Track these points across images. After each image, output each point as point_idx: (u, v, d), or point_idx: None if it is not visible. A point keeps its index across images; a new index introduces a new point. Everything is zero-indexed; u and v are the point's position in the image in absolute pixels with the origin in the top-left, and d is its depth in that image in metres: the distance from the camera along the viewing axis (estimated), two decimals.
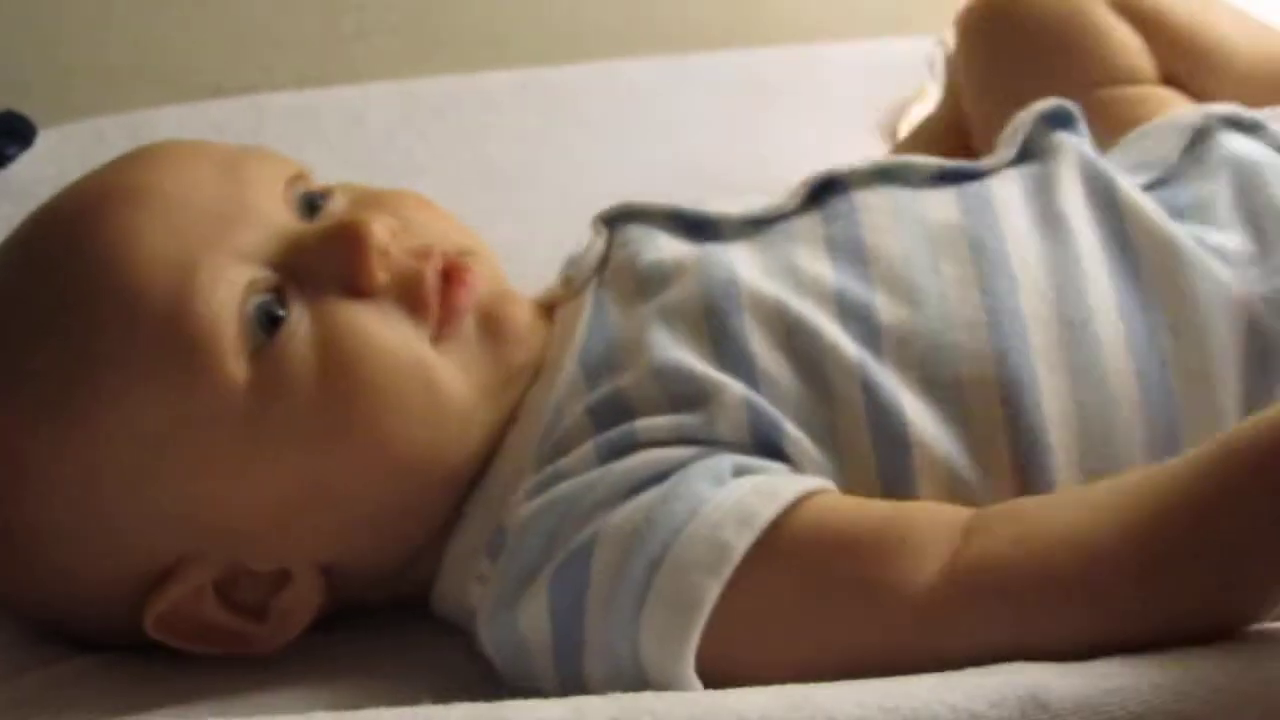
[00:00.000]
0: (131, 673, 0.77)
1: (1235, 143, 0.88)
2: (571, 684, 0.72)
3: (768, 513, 0.72)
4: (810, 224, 0.85)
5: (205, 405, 0.76)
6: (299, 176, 0.83)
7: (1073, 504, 0.72)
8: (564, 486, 0.77)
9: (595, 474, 0.76)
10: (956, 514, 0.73)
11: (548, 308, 0.87)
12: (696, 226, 0.86)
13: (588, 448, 0.78)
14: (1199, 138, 0.89)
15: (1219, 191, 0.86)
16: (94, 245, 0.78)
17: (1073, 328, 0.80)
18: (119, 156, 0.85)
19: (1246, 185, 0.86)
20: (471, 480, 0.81)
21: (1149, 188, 0.87)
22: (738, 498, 0.73)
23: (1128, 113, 0.99)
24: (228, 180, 0.80)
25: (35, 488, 0.78)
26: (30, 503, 0.78)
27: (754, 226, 0.86)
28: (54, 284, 0.78)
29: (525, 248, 1.02)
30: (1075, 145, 0.87)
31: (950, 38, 1.34)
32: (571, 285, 0.86)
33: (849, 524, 0.73)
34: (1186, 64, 1.04)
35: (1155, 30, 1.04)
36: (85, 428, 0.76)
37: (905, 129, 1.28)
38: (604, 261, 0.86)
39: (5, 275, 0.81)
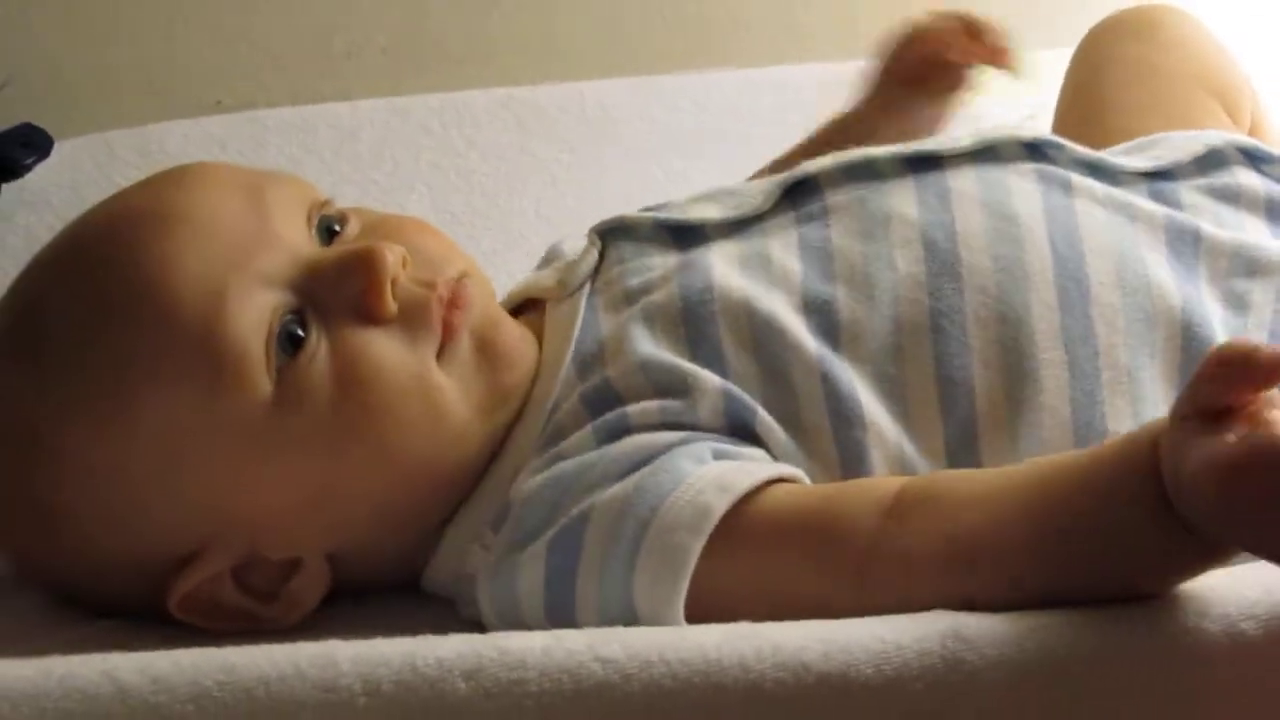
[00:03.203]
0: (162, 633, 0.79)
1: (1242, 174, 0.93)
2: None
3: (743, 485, 0.77)
4: (784, 222, 0.90)
5: (232, 414, 0.80)
6: (321, 203, 0.88)
7: (981, 483, 0.76)
8: (566, 464, 0.82)
9: (594, 455, 0.82)
10: (886, 489, 0.77)
11: (534, 302, 0.91)
12: (683, 231, 0.91)
13: (586, 431, 0.83)
14: (1214, 157, 0.94)
15: (1204, 206, 0.91)
16: (137, 266, 0.81)
17: (1007, 324, 0.84)
18: (153, 177, 0.89)
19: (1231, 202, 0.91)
20: (476, 476, 0.86)
21: (1151, 175, 0.92)
22: (718, 472, 0.78)
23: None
24: (253, 207, 0.84)
25: (69, 475, 0.82)
26: (69, 489, 0.82)
27: (733, 227, 0.90)
28: (100, 298, 0.82)
29: (504, 255, 1.08)
30: (1035, 166, 0.91)
31: None
32: (565, 288, 0.90)
33: (800, 506, 0.78)
34: None
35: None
36: (123, 426, 0.80)
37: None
38: (596, 271, 0.91)
39: (53, 283, 0.85)
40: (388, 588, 0.88)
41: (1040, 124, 1.29)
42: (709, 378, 0.83)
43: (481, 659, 0.66)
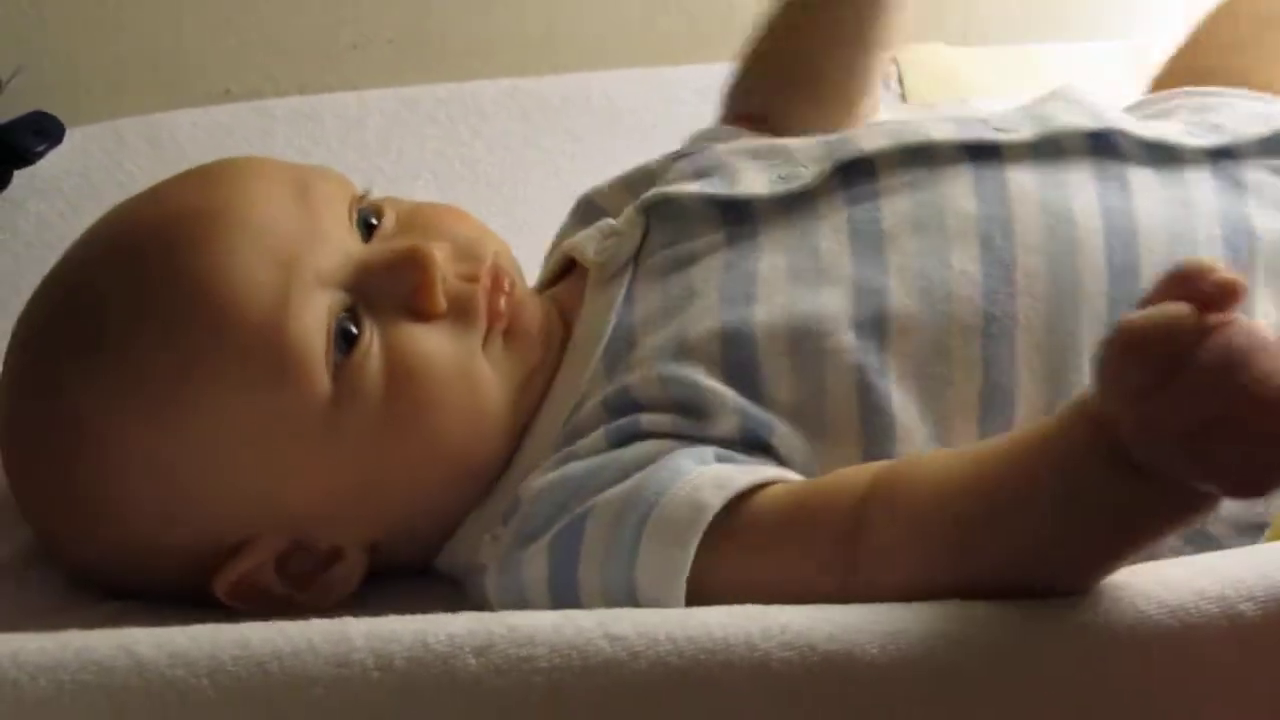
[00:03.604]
0: (177, 611, 0.79)
1: None
2: None
3: (740, 482, 0.78)
4: (835, 202, 0.89)
5: (291, 411, 0.82)
6: (359, 197, 0.89)
7: (943, 465, 0.74)
8: (575, 465, 0.83)
9: (603, 459, 0.83)
10: (860, 478, 0.76)
11: (566, 270, 0.93)
12: (729, 207, 0.90)
13: (599, 434, 0.84)
14: (1278, 140, 0.91)
15: (1268, 187, 0.89)
16: (197, 264, 0.82)
17: (1055, 334, 0.84)
18: (201, 171, 0.89)
19: None
20: (503, 466, 0.87)
21: (1215, 154, 0.90)
22: (717, 470, 0.79)
23: None
24: (302, 204, 0.85)
25: (116, 466, 0.83)
26: (122, 482, 0.83)
27: (783, 205, 0.89)
28: (161, 296, 0.82)
29: (510, 242, 1.10)
30: (1096, 161, 0.89)
31: (900, 58, 1.43)
32: (605, 269, 0.91)
33: (789, 502, 0.78)
34: None
35: None
36: (184, 423, 0.81)
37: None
38: (639, 250, 0.91)
39: (110, 278, 0.84)
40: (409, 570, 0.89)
41: None
42: (728, 398, 0.83)
43: (492, 636, 0.67)
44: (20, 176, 1.31)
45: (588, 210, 0.99)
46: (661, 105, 1.40)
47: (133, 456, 0.82)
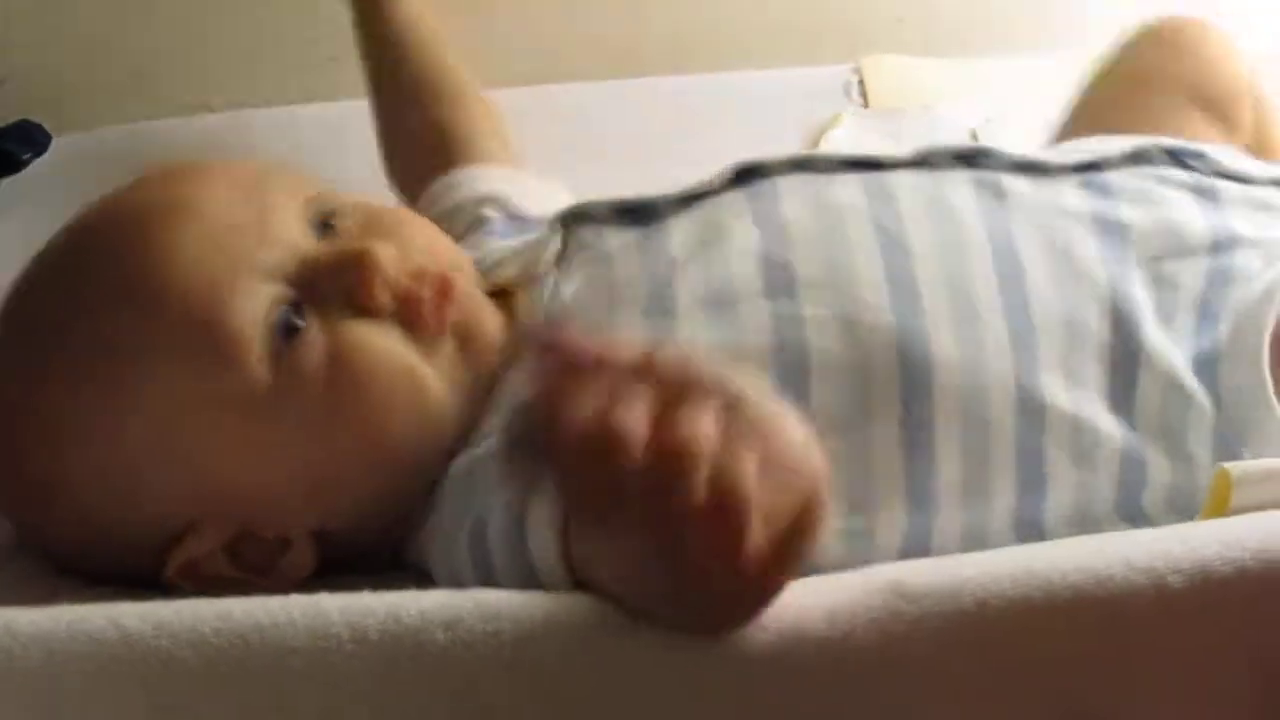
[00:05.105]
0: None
1: (1167, 170, 0.96)
2: None
3: None
4: (736, 199, 0.93)
5: (229, 395, 0.84)
6: (313, 197, 0.91)
7: None
8: (481, 455, 0.86)
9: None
10: None
11: (506, 293, 0.94)
12: (640, 211, 0.94)
13: None
14: (1140, 155, 0.97)
15: (1131, 186, 0.94)
16: (142, 252, 0.85)
17: (955, 290, 0.88)
18: (156, 171, 0.92)
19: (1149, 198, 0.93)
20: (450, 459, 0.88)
21: (1080, 168, 0.95)
22: None
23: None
24: (252, 201, 0.88)
25: (71, 449, 0.85)
26: (65, 461, 0.86)
27: (687, 203, 0.94)
28: (104, 282, 0.85)
29: None
30: (969, 173, 0.94)
31: (864, 66, 1.46)
32: (530, 273, 0.94)
33: None
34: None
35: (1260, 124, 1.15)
36: (123, 403, 0.84)
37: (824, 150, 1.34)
38: (560, 257, 0.94)
39: (59, 268, 0.88)
40: (372, 560, 0.91)
41: (996, 129, 1.35)
42: None
43: (461, 611, 0.70)
44: (7, 184, 1.34)
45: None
46: (635, 116, 1.41)
47: (77, 438, 0.85)
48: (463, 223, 1.07)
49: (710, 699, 0.69)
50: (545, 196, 1.07)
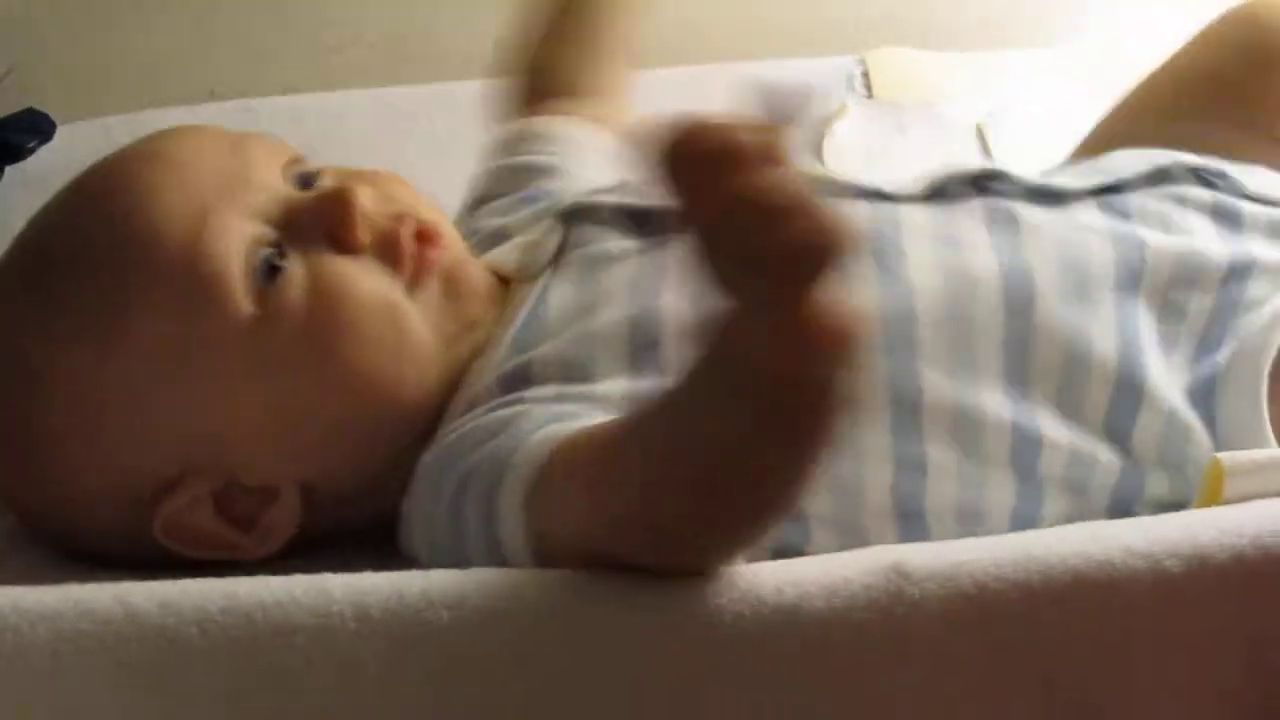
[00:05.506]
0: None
1: (1189, 190, 0.95)
2: None
3: (561, 434, 0.77)
4: None
5: (211, 334, 0.84)
6: (295, 160, 0.92)
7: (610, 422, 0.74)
8: (451, 438, 0.86)
9: (470, 426, 0.84)
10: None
11: (505, 281, 0.95)
12: (642, 217, 0.94)
13: (484, 409, 0.86)
14: (1161, 174, 0.96)
15: (1151, 208, 0.93)
16: (121, 197, 0.87)
17: (959, 323, 0.87)
18: (146, 135, 0.93)
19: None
20: (430, 418, 0.89)
21: (1099, 191, 0.94)
22: (549, 428, 0.78)
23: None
24: (234, 154, 0.89)
25: (59, 400, 0.86)
26: (54, 412, 0.86)
27: None
28: (85, 229, 0.87)
29: None
30: (982, 201, 0.93)
31: (869, 59, 1.47)
32: (526, 270, 0.94)
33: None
34: None
35: None
36: (108, 346, 0.84)
37: (828, 144, 1.35)
38: (558, 253, 0.94)
39: (46, 221, 0.90)
40: (360, 531, 0.91)
41: (1000, 122, 1.35)
42: (618, 385, 0.85)
43: (463, 590, 0.70)
44: (11, 171, 1.34)
45: (498, 235, 1.01)
46: (643, 107, 1.33)
47: (65, 385, 0.86)
48: (514, 181, 1.07)
49: (709, 676, 0.70)
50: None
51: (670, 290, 0.88)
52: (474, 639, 0.70)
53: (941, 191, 0.95)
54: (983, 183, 0.95)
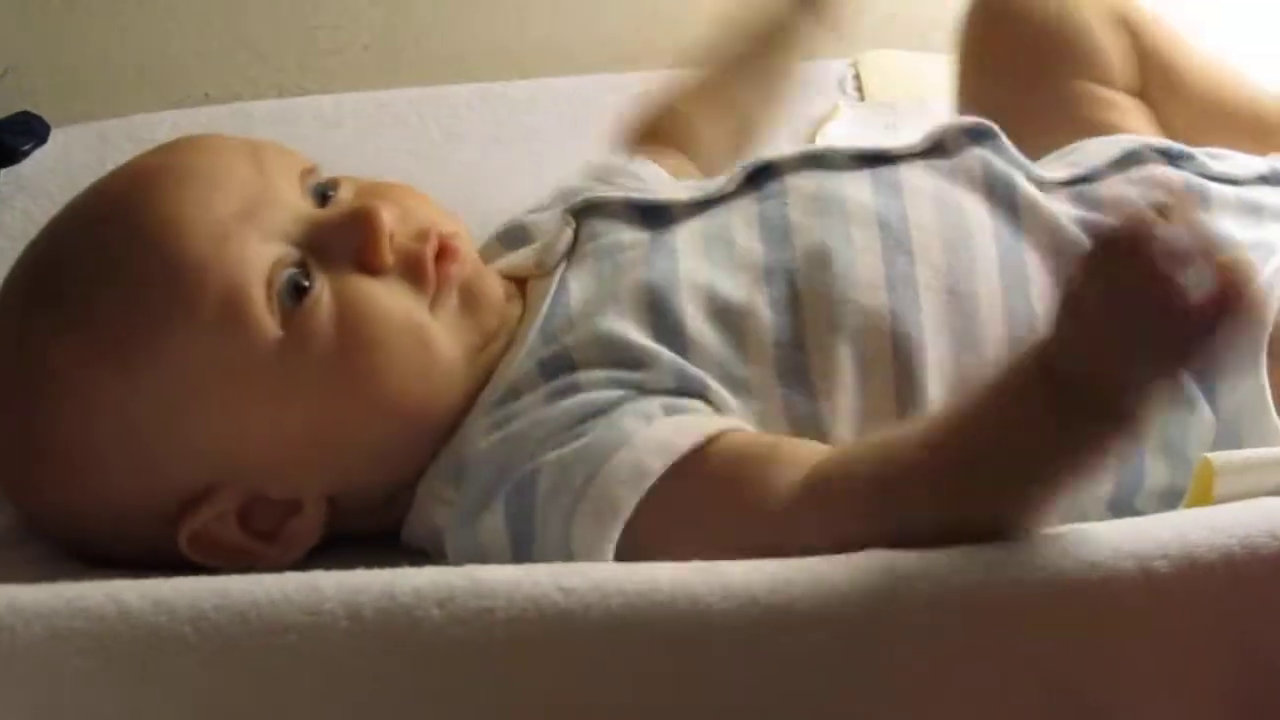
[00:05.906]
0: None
1: (1160, 169, 0.97)
2: None
3: (684, 445, 0.81)
4: (746, 202, 0.94)
5: (240, 355, 0.85)
6: (308, 170, 0.92)
7: (890, 434, 0.79)
8: (516, 424, 0.86)
9: (542, 413, 0.86)
10: (818, 448, 0.82)
11: (518, 280, 0.95)
12: (652, 211, 0.96)
13: (538, 394, 0.87)
14: (1131, 158, 0.98)
15: (1131, 194, 0.94)
16: (148, 216, 0.86)
17: (958, 298, 0.89)
18: (163, 144, 0.94)
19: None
20: (449, 431, 0.90)
21: (1072, 182, 0.96)
22: (661, 434, 0.82)
23: (1096, 114, 1.09)
24: (255, 168, 0.89)
25: (91, 415, 0.85)
26: (85, 428, 0.86)
27: (699, 207, 0.95)
28: (114, 245, 0.86)
29: (479, 239, 1.12)
30: (980, 154, 0.95)
31: (860, 61, 1.46)
32: (543, 267, 0.95)
33: (740, 454, 0.82)
34: (1158, 80, 1.11)
35: (1139, 41, 1.11)
36: (138, 366, 0.85)
37: (821, 143, 1.33)
38: (571, 248, 0.95)
39: (71, 235, 0.89)
40: (374, 534, 0.91)
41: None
42: (663, 356, 0.87)
43: (454, 588, 0.71)
44: (7, 174, 1.34)
45: (511, 231, 1.02)
46: (624, 109, 1.41)
47: (93, 401, 0.86)
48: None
49: (698, 677, 0.70)
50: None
51: (684, 266, 0.90)
52: (465, 636, 0.70)
53: (941, 145, 0.96)
54: (979, 135, 0.97)
